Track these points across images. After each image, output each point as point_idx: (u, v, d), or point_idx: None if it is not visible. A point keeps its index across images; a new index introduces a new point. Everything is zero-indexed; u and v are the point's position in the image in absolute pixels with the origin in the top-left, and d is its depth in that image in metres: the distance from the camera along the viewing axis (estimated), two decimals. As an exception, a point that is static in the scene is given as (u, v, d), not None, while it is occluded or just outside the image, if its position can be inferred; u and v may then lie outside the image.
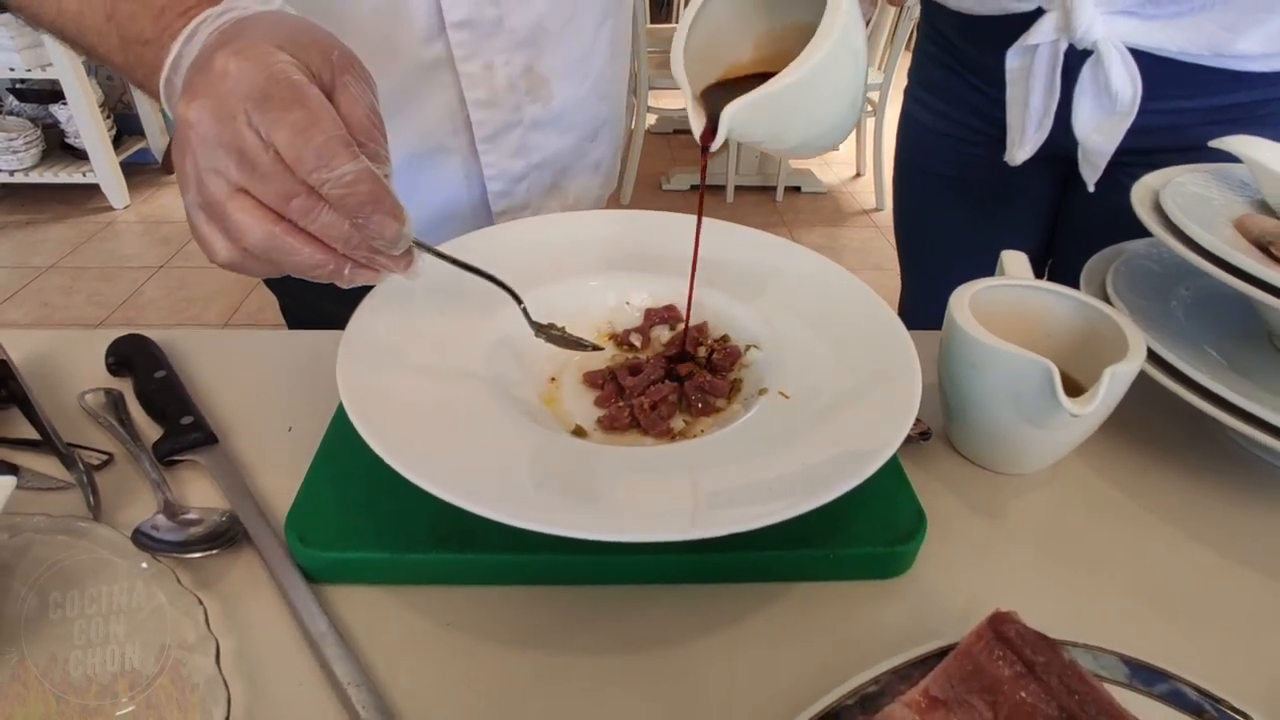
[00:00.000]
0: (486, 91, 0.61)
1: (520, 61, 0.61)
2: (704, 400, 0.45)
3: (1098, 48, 0.63)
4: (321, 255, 0.36)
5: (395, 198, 0.35)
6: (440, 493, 0.33)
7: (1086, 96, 0.66)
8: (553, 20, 0.61)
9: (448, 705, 0.34)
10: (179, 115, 0.35)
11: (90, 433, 0.49)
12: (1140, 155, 0.67)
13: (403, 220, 0.36)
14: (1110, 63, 0.62)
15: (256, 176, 0.33)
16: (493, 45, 0.59)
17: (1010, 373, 0.42)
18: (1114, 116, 0.64)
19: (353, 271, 0.38)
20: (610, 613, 0.38)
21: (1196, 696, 0.33)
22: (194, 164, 0.34)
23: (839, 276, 0.51)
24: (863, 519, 0.40)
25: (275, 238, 0.35)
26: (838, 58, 0.37)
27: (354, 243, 0.36)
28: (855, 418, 0.40)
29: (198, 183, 0.35)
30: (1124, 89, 0.63)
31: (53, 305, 2.34)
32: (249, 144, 0.33)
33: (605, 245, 0.55)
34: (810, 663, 0.36)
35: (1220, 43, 0.61)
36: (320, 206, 0.34)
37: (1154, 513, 0.46)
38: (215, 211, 0.35)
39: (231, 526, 0.41)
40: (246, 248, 0.35)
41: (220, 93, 0.33)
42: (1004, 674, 0.32)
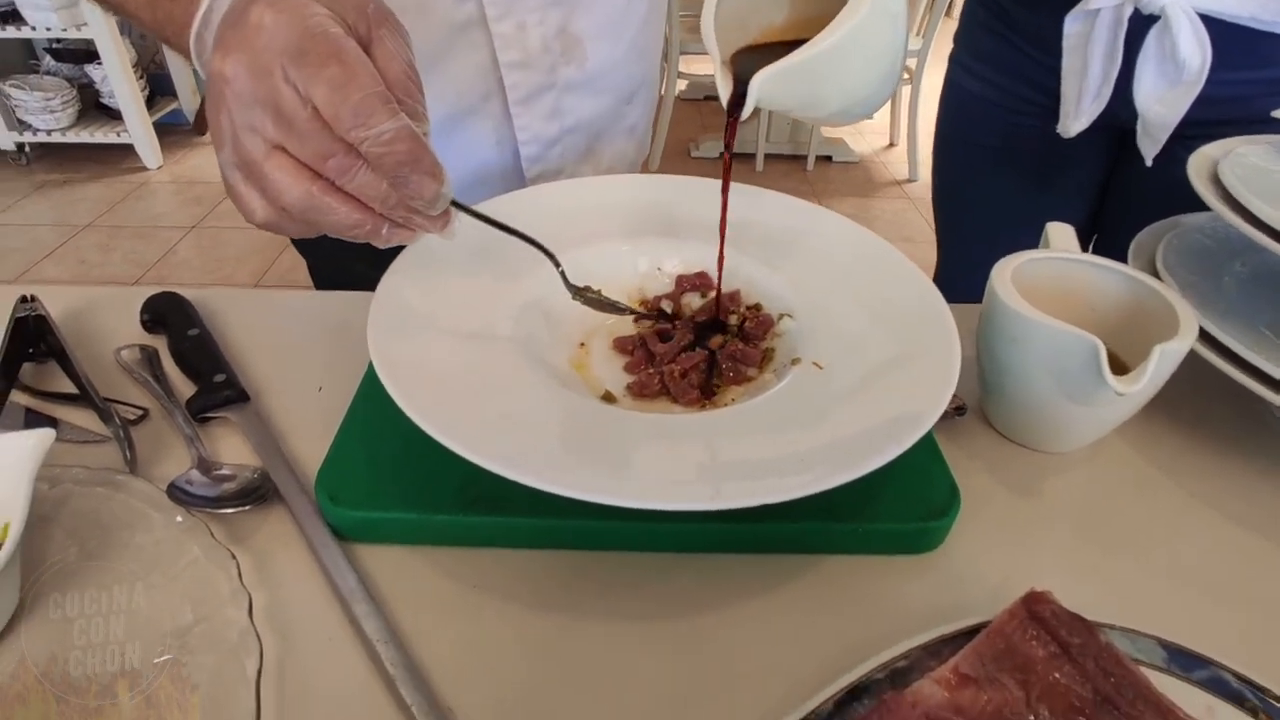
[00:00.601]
0: (520, 53, 0.59)
1: (554, 21, 0.60)
2: (735, 369, 0.45)
3: (1165, 13, 0.59)
4: (359, 215, 0.35)
5: (434, 156, 0.35)
6: (470, 455, 0.33)
7: (1150, 65, 0.63)
8: None
9: (474, 664, 0.35)
10: (213, 70, 0.34)
11: (125, 388, 0.50)
12: (1201, 127, 0.64)
13: (441, 180, 0.35)
14: (1179, 29, 0.59)
15: (293, 134, 0.33)
16: (526, 4, 0.58)
17: (1054, 348, 0.41)
18: (1179, 87, 0.61)
19: (390, 231, 0.37)
20: (637, 579, 0.38)
21: (1237, 684, 0.32)
22: (229, 121, 0.34)
23: (875, 245, 0.50)
24: (895, 493, 0.39)
25: (312, 197, 0.34)
26: (874, 23, 0.35)
27: (391, 202, 0.35)
28: (891, 390, 0.39)
29: (234, 141, 0.34)
30: (1192, 57, 0.60)
31: (90, 263, 2.38)
32: (286, 100, 0.32)
33: (638, 210, 0.54)
34: (838, 636, 0.36)
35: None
36: (358, 165, 0.34)
37: (1196, 495, 0.45)
38: (252, 170, 0.34)
39: (263, 483, 0.42)
40: (284, 207, 0.35)
41: (256, 47, 0.32)
42: (1038, 654, 0.32)
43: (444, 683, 0.34)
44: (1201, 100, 0.62)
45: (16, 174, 2.92)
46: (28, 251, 2.43)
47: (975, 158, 0.87)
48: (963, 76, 0.85)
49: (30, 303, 0.51)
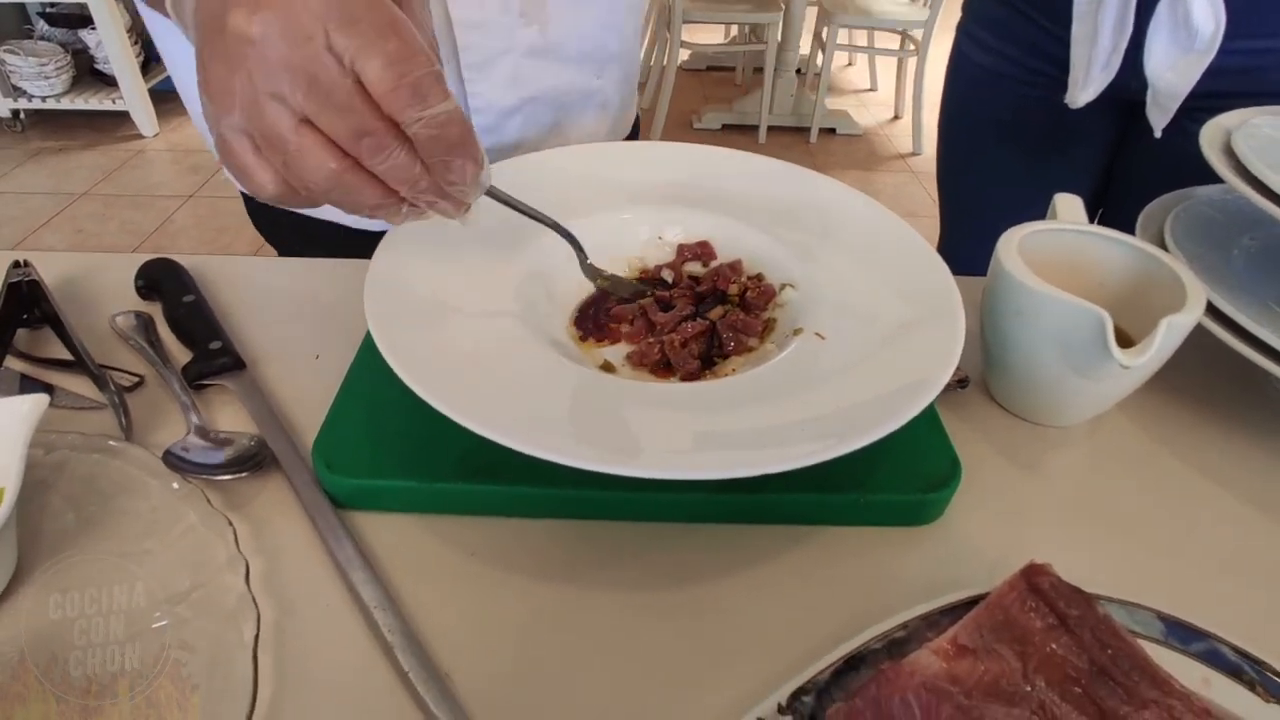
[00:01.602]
0: (477, 11, 0.55)
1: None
2: (736, 339, 0.44)
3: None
4: (382, 197, 0.33)
5: (478, 140, 0.33)
6: (469, 424, 0.32)
7: (1162, 32, 0.61)
8: None
9: (471, 632, 0.35)
10: (235, 29, 0.29)
11: (120, 355, 0.49)
12: (1211, 99, 0.63)
13: (482, 165, 0.33)
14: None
15: (329, 108, 0.29)
16: None
17: (1059, 321, 0.40)
18: (1191, 55, 0.60)
19: (407, 212, 0.35)
20: (636, 549, 0.38)
21: (1234, 656, 0.32)
22: (249, 87, 0.30)
23: (879, 214, 0.49)
24: (896, 465, 0.39)
25: (338, 177, 0.31)
26: None
27: (422, 186, 0.33)
28: (896, 359, 0.38)
29: (251, 109, 0.30)
30: (1205, 24, 0.58)
31: (87, 232, 2.37)
32: (326, 70, 0.29)
33: (639, 178, 0.53)
34: (837, 606, 0.36)
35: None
36: (394, 146, 0.31)
37: (1197, 470, 0.44)
38: (272, 143, 0.31)
39: (260, 451, 0.41)
40: (306, 185, 0.32)
41: (294, 7, 0.29)
42: (1035, 625, 0.32)
43: (442, 650, 0.34)
44: (1211, 71, 0.61)
45: (12, 141, 2.89)
46: (24, 220, 2.41)
47: (981, 130, 0.86)
48: (970, 47, 0.84)
49: (23, 268, 0.51)
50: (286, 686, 0.32)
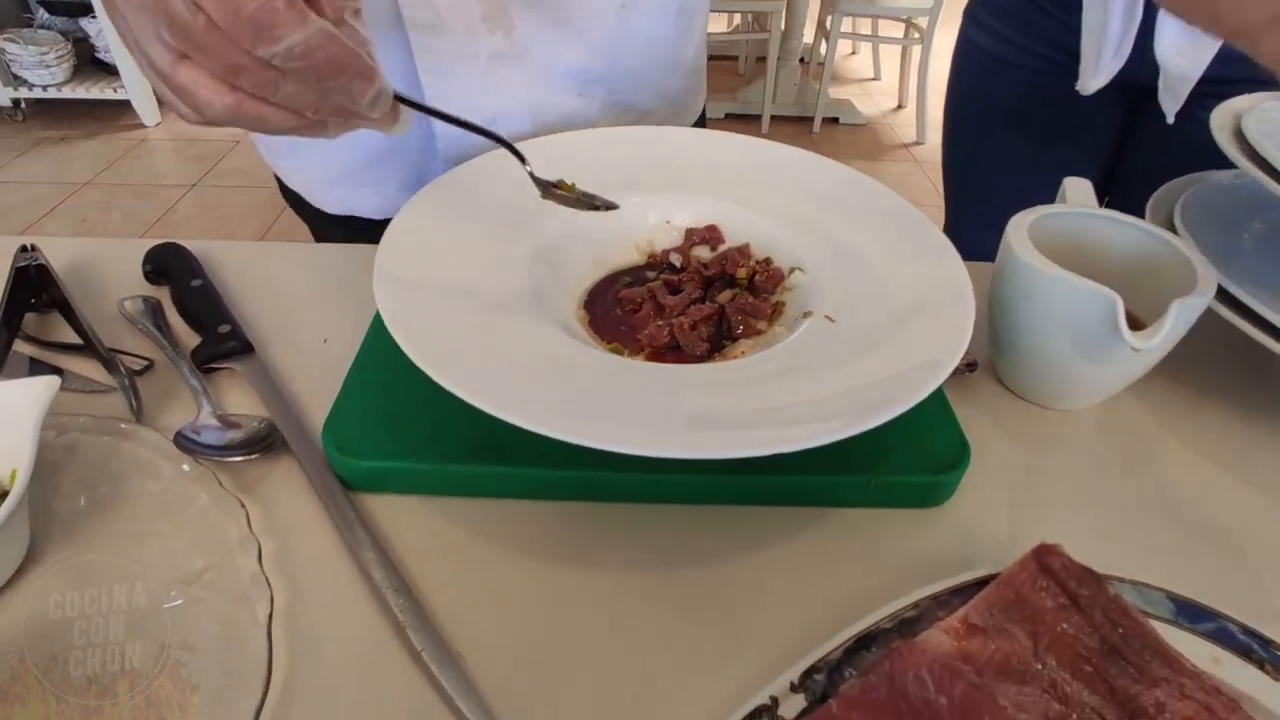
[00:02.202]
0: (429, 11, 0.51)
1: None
2: (745, 322, 0.44)
3: None
4: (293, 121, 0.32)
5: (363, 57, 0.31)
6: (479, 403, 0.32)
7: (1170, 19, 0.61)
8: None
9: (482, 613, 0.35)
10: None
11: (129, 339, 0.50)
12: (1221, 85, 0.62)
13: (375, 80, 0.32)
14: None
15: (194, 48, 0.29)
16: None
17: (1070, 304, 0.40)
18: (1202, 39, 0.60)
19: (336, 127, 0.34)
20: (647, 531, 0.38)
21: (1243, 636, 0.32)
22: (126, 27, 0.30)
23: (889, 198, 0.49)
24: (906, 447, 0.39)
25: (236, 109, 0.30)
26: None
27: (327, 109, 0.32)
28: (905, 342, 0.38)
29: (138, 50, 0.30)
30: None
31: (91, 221, 2.37)
32: (176, 10, 0.28)
33: (648, 162, 0.53)
34: (846, 587, 0.36)
35: None
36: (272, 79, 0.30)
37: (1204, 453, 0.44)
38: (166, 81, 0.30)
39: (270, 433, 0.41)
40: (210, 119, 0.31)
41: None
42: (1046, 605, 0.32)
43: (454, 630, 0.34)
44: (1223, 55, 0.60)
45: (13, 130, 2.88)
46: (26, 209, 2.41)
47: (988, 117, 0.85)
48: (978, 33, 0.83)
49: (31, 252, 0.51)
50: (299, 666, 0.32)
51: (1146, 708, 0.29)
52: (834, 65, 3.23)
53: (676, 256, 0.49)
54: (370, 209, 0.66)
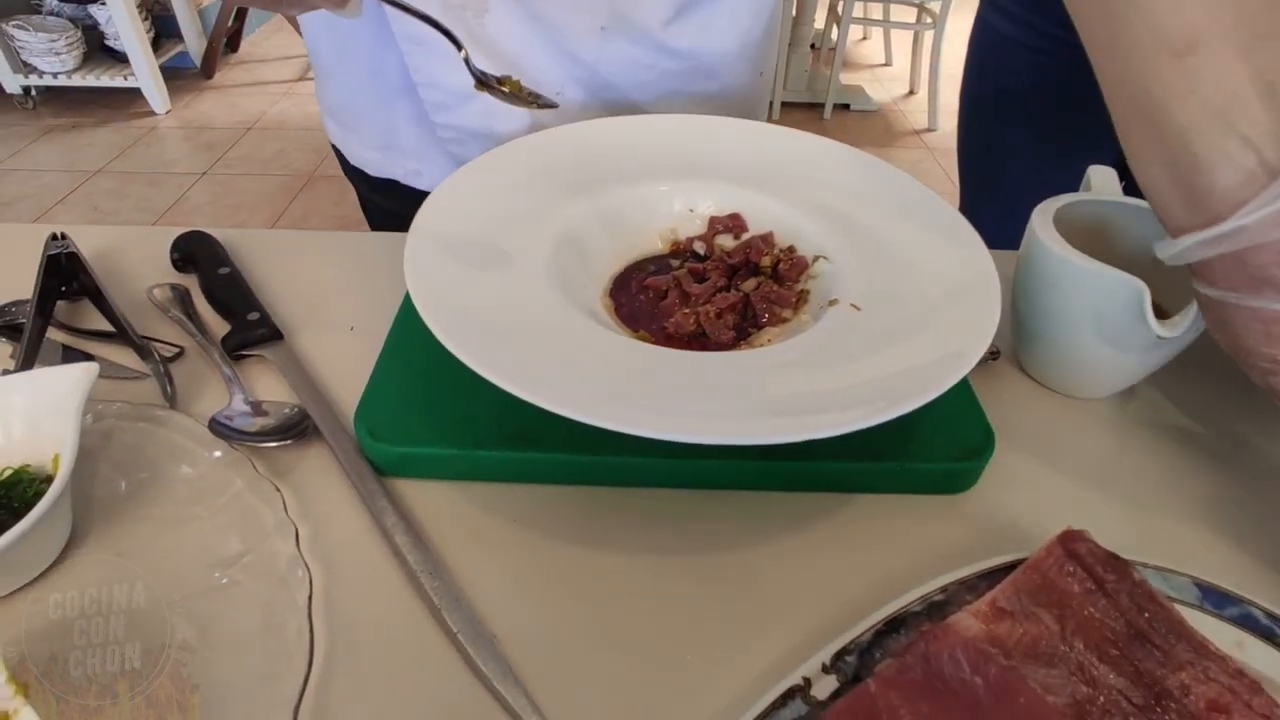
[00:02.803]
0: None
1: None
2: (770, 310, 0.44)
3: None
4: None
5: None
6: (514, 390, 0.33)
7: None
8: None
9: (513, 596, 0.35)
10: None
11: (158, 326, 0.50)
12: None
13: None
14: None
15: None
16: None
17: (1096, 292, 0.40)
18: None
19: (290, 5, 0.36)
20: (673, 516, 0.39)
21: (1267, 620, 0.32)
22: None
23: (911, 185, 0.49)
24: (931, 434, 0.40)
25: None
26: None
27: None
28: (932, 331, 0.39)
29: None
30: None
31: (103, 210, 2.38)
32: None
33: (673, 150, 0.53)
34: (872, 572, 0.36)
35: None
36: None
37: (1228, 440, 0.45)
38: None
39: (302, 419, 0.42)
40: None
41: None
42: (1073, 589, 0.32)
43: (487, 612, 0.34)
44: None
45: (23, 118, 2.89)
46: (39, 197, 2.42)
47: (1004, 101, 0.85)
48: (995, 17, 0.83)
49: (61, 240, 0.51)
50: (338, 646, 0.33)
51: (1172, 690, 0.29)
52: (845, 51, 3.20)
53: (700, 245, 0.50)
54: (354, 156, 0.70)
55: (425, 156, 0.66)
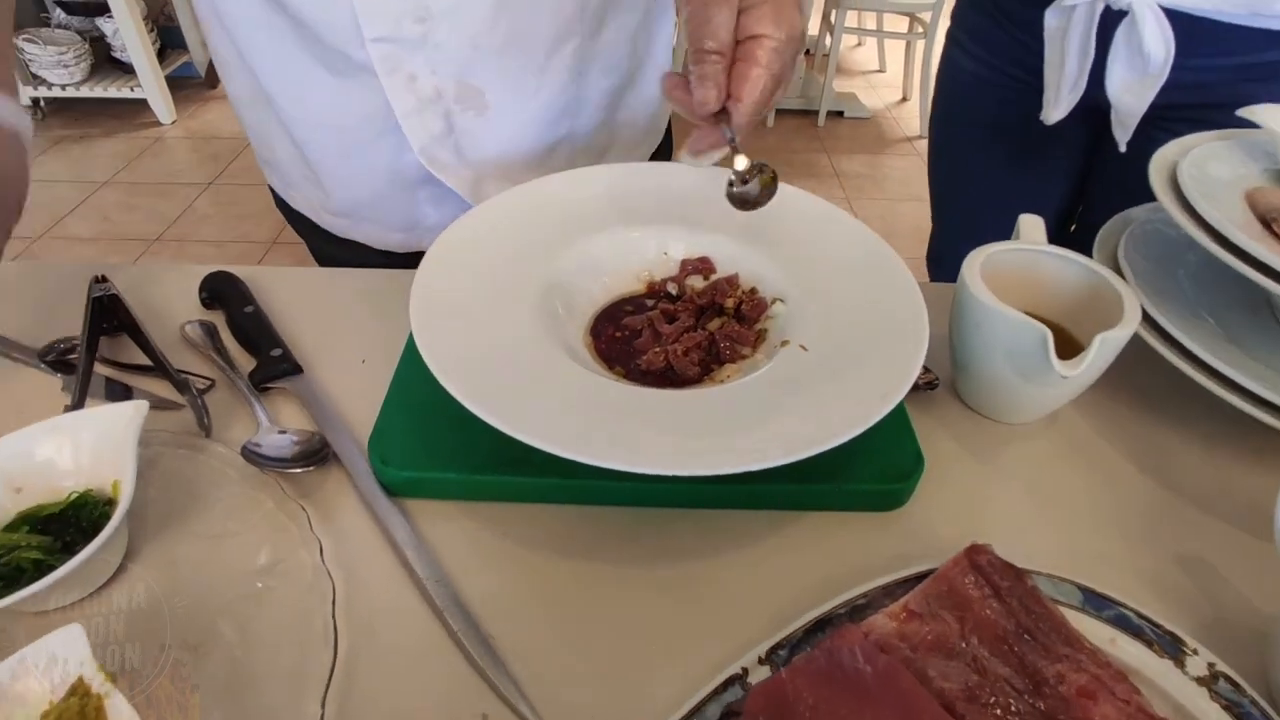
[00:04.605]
0: (413, 101, 0.61)
1: (449, 74, 0.60)
2: (732, 348, 0.50)
3: (1132, 9, 0.63)
4: None
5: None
6: (505, 428, 0.39)
7: (1120, 58, 0.67)
8: (490, 39, 0.60)
9: (508, 600, 0.42)
10: None
11: (189, 359, 0.56)
12: (1172, 110, 0.68)
13: None
14: (1144, 24, 0.63)
15: None
16: (416, 59, 0.59)
17: (1010, 334, 0.46)
18: (1145, 78, 0.66)
19: None
20: (643, 532, 0.45)
21: (1138, 620, 0.38)
22: None
23: (862, 234, 0.55)
24: (867, 458, 0.46)
25: None
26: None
27: None
28: (865, 373, 0.44)
29: None
30: (1156, 50, 0.64)
31: (113, 220, 2.44)
32: None
33: (647, 197, 0.59)
34: (811, 581, 0.43)
35: (1259, 1, 0.61)
36: None
37: (1134, 462, 0.51)
38: None
39: (322, 447, 0.48)
40: None
41: None
42: (973, 595, 0.38)
43: (484, 615, 0.41)
44: (1170, 87, 0.66)
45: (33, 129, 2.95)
46: (51, 207, 2.48)
47: (968, 132, 0.91)
48: (958, 54, 0.89)
49: (103, 283, 0.58)
50: (359, 644, 0.39)
51: (1049, 678, 0.36)
52: (839, 57, 3.26)
53: (673, 285, 0.56)
54: (371, 239, 0.74)
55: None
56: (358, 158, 0.67)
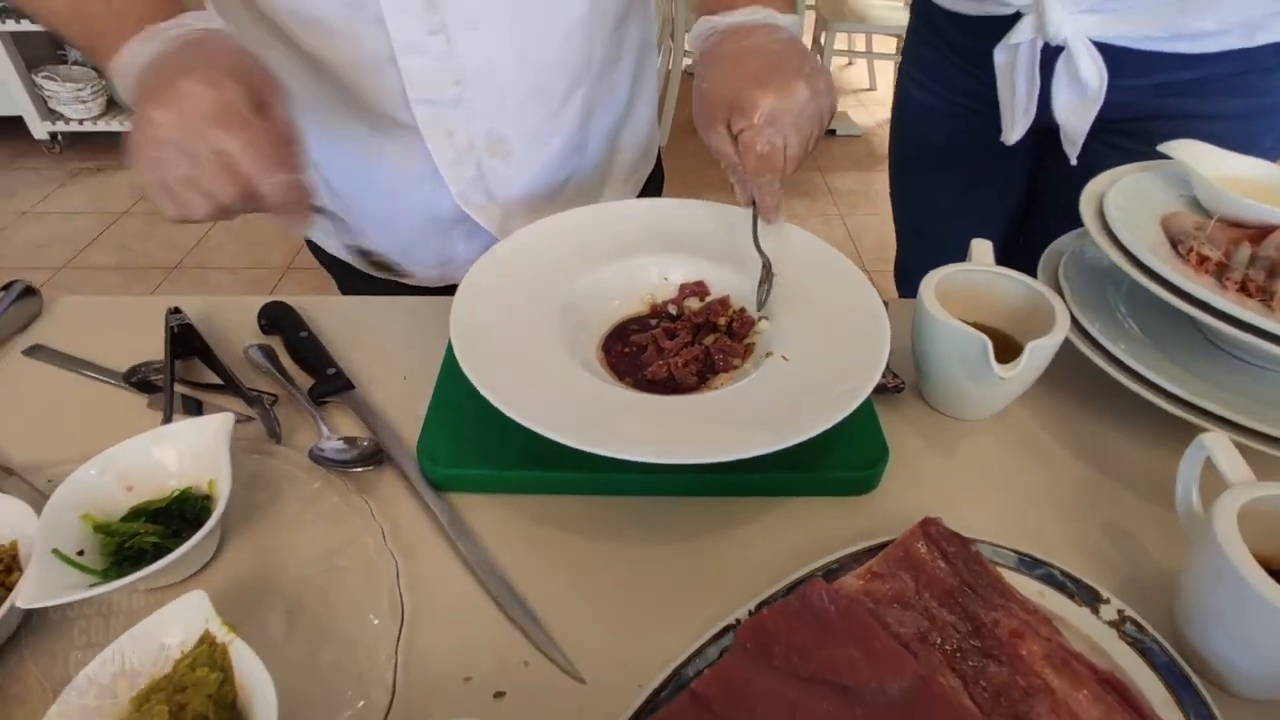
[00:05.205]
0: (451, 153, 0.70)
1: (480, 127, 0.69)
2: (724, 360, 0.59)
3: (1068, 44, 0.73)
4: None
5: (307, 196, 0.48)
6: (534, 425, 0.47)
7: (1062, 86, 0.76)
8: (515, 90, 0.68)
9: (540, 573, 0.50)
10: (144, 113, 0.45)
11: (253, 378, 0.65)
12: (1110, 124, 0.78)
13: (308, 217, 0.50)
14: (1079, 57, 0.73)
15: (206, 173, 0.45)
16: (453, 116, 0.67)
17: (957, 343, 0.55)
18: (1085, 101, 0.75)
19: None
20: (653, 515, 0.53)
21: (1062, 577, 0.47)
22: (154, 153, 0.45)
23: (835, 259, 0.64)
24: (840, 450, 0.54)
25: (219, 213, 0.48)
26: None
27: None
28: (836, 378, 0.53)
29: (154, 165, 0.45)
30: (1091, 78, 0.73)
31: (132, 250, 2.53)
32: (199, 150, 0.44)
33: (649, 230, 0.68)
34: (794, 552, 0.51)
35: (1177, 22, 0.70)
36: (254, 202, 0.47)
37: (1071, 450, 0.59)
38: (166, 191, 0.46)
39: (377, 450, 0.56)
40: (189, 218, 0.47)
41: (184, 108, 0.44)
42: (925, 558, 0.46)
43: (520, 584, 0.49)
44: (1105, 105, 0.76)
45: (50, 163, 3.06)
46: (72, 239, 2.57)
47: (923, 155, 1.01)
48: (910, 86, 0.98)
49: (177, 314, 0.66)
50: (419, 608, 0.47)
51: (987, 623, 0.44)
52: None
53: (673, 306, 0.64)
54: (404, 277, 0.83)
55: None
56: (396, 205, 0.75)
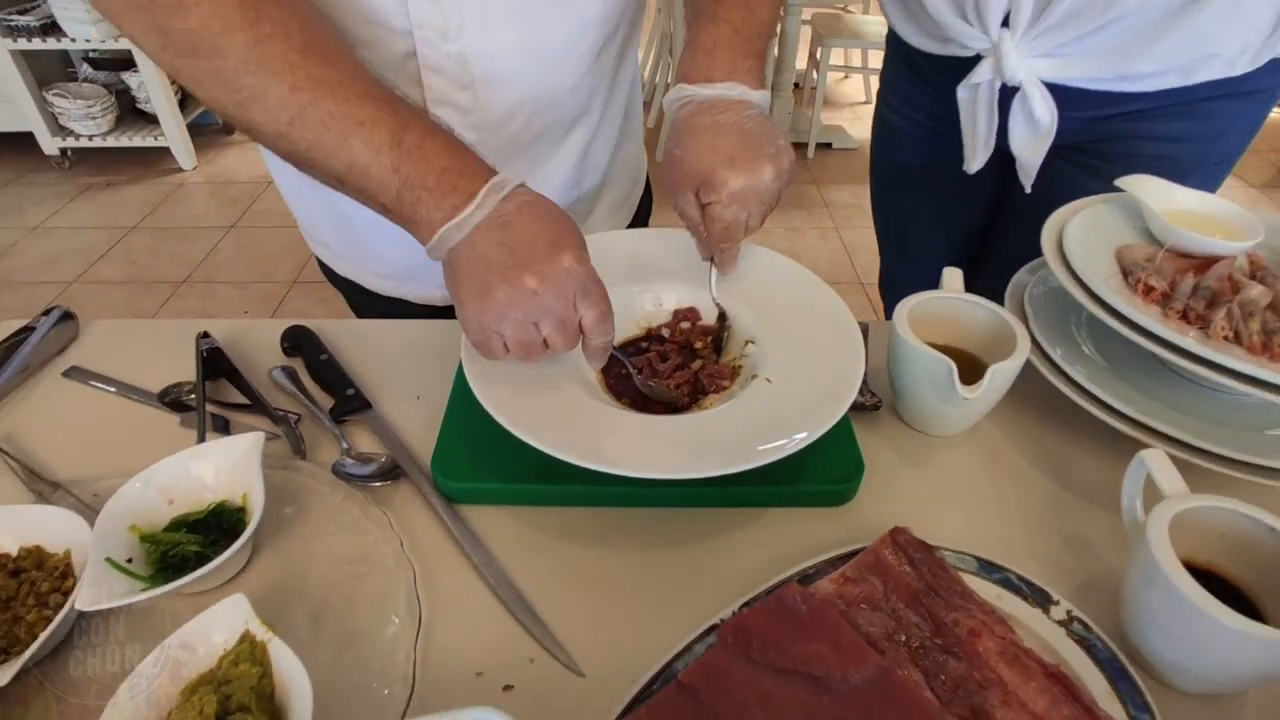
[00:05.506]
0: None
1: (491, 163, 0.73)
2: (714, 382, 0.64)
3: (1023, 85, 0.79)
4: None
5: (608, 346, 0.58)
6: (539, 444, 0.52)
7: (1017, 122, 0.82)
8: (524, 135, 0.73)
9: (545, 578, 0.54)
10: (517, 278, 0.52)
11: (275, 398, 0.70)
12: (1063, 149, 0.84)
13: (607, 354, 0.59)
14: (1033, 98, 0.79)
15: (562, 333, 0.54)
16: None
17: (925, 366, 0.60)
18: (1037, 136, 0.81)
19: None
20: (647, 525, 0.58)
21: (1018, 581, 0.51)
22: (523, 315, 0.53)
23: (817, 286, 0.69)
24: (819, 464, 0.59)
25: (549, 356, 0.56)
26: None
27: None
28: (814, 398, 0.58)
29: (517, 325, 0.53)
30: (1044, 116, 0.79)
31: (141, 265, 2.59)
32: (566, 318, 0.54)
33: (645, 258, 0.73)
34: (775, 559, 0.55)
35: (1120, 65, 0.76)
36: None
37: (1036, 465, 0.64)
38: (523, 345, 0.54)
39: (394, 466, 0.61)
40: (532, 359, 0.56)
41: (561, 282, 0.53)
42: (893, 564, 0.51)
43: (527, 589, 0.54)
44: (1060, 131, 0.81)
45: (60, 178, 3.12)
46: (82, 254, 2.63)
47: (898, 175, 1.07)
48: (886, 111, 1.04)
49: (207, 338, 0.71)
50: (435, 610, 0.52)
51: (947, 622, 0.48)
52: (827, 90, 3.42)
53: (666, 330, 0.69)
54: (415, 297, 0.88)
55: None
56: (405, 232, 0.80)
